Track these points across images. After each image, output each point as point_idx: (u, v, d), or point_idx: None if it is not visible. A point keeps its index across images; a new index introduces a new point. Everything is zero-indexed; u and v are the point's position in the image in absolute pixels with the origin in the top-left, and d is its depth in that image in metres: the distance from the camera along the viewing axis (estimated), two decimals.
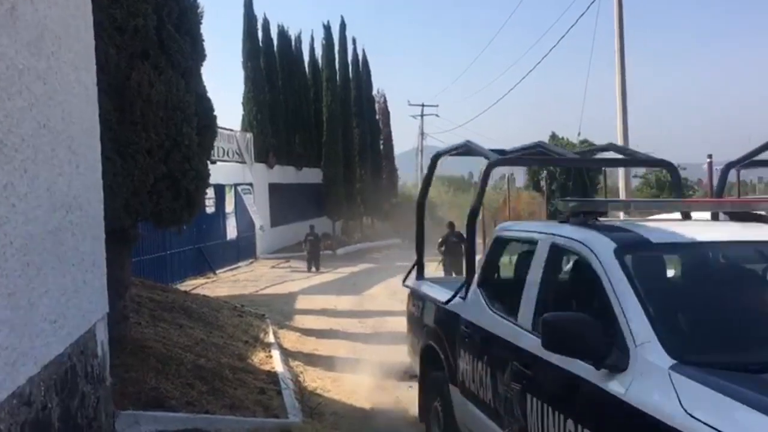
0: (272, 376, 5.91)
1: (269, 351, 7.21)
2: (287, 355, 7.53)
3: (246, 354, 6.75)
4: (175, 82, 5.41)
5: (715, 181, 6.96)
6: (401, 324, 11.06)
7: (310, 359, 7.60)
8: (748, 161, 4.86)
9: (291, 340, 8.71)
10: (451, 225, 16.87)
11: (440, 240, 15.97)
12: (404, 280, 6.10)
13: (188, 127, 5.53)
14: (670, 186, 49.62)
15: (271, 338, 8.16)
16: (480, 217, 23.20)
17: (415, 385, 5.39)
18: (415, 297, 5.79)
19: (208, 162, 6.61)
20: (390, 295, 14.88)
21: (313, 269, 21.57)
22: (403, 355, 8.07)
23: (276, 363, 6.59)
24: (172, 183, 5.50)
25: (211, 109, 6.34)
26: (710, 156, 12.04)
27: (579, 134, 19.12)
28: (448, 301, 4.67)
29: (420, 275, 6.05)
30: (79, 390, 3.56)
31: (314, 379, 6.59)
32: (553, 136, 29.09)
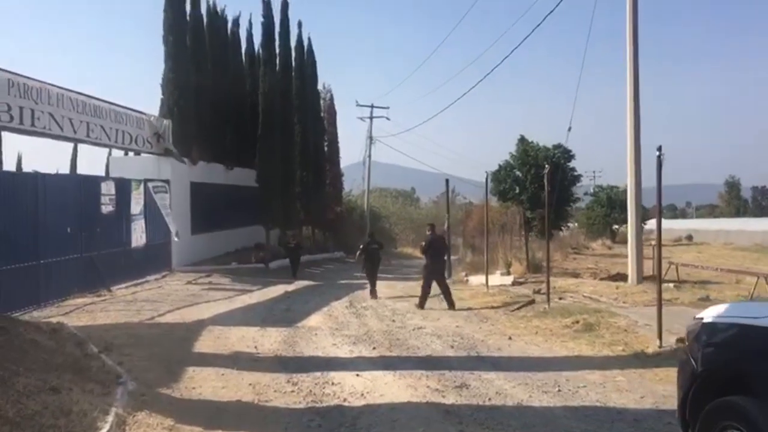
0: None
1: None
2: None
3: None
4: None
5: None
6: (355, 386, 7.09)
7: None
8: None
9: None
10: (371, 234, 18.52)
11: (361, 246, 16.74)
12: None
13: None
14: (620, 204, 48.08)
15: None
16: (445, 227, 19.63)
17: None
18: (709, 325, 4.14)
19: None
20: (335, 329, 10.82)
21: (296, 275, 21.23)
22: None
23: None
24: None
25: None
26: None
27: (570, 129, 15.57)
28: None
29: None
30: None
31: None
32: (522, 140, 25.57)
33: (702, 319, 4.16)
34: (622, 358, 8.04)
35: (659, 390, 6.46)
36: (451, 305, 13.46)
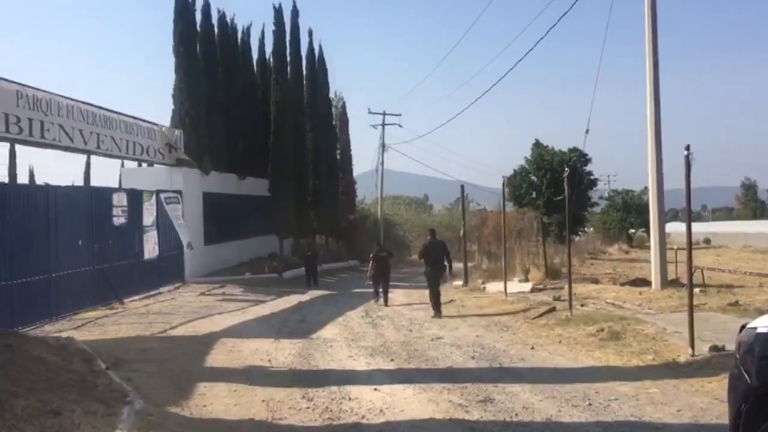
0: None
1: None
2: None
3: None
4: None
5: None
6: (374, 401, 6.79)
7: None
8: None
9: None
10: (379, 243, 19.32)
11: (371, 255, 17.22)
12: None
13: None
14: (636, 208, 47.28)
15: None
16: (461, 234, 19.33)
17: None
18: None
19: None
20: (351, 340, 10.51)
21: (312, 284, 21.82)
22: None
23: None
24: None
25: None
26: None
27: (587, 132, 15.14)
28: None
29: None
30: None
31: None
32: (537, 144, 25.17)
33: (755, 329, 3.79)
34: (653, 368, 7.65)
35: (697, 402, 6.08)
36: (438, 313, 13.42)
